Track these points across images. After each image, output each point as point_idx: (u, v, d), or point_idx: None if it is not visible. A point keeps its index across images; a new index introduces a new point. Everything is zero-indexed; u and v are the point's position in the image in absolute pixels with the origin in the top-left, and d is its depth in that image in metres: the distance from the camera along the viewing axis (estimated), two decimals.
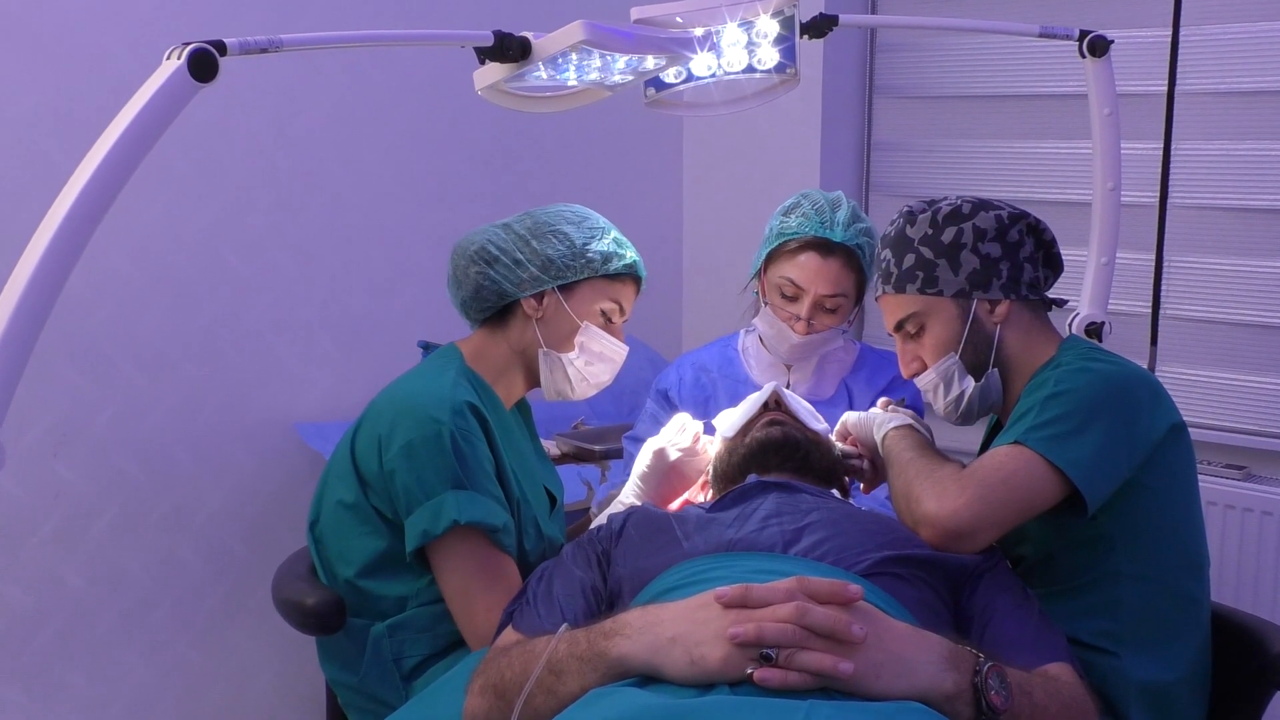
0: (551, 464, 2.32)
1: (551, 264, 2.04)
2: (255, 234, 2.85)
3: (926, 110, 3.62)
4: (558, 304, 2.06)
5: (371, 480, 1.96)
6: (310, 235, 2.96)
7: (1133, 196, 3.12)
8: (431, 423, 1.89)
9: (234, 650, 2.95)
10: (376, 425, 1.96)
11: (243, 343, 2.86)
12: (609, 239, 2.09)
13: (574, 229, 2.06)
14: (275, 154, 2.87)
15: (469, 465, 1.90)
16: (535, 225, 2.07)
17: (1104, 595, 1.83)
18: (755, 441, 1.97)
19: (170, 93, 1.46)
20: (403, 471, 1.90)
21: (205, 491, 2.84)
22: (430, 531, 1.88)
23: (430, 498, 1.88)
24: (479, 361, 2.07)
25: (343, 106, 2.98)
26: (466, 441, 1.90)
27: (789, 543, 1.65)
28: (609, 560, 1.74)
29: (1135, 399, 1.79)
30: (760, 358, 2.55)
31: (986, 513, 1.71)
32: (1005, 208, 1.95)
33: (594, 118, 3.40)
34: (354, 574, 2.01)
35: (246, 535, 2.92)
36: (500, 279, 2.04)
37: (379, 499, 1.96)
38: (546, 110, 1.92)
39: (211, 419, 2.83)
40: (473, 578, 1.91)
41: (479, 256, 2.05)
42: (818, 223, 2.38)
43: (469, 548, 1.91)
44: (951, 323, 1.93)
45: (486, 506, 1.90)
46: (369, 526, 1.99)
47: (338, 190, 3.00)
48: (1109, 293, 2.41)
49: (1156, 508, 1.82)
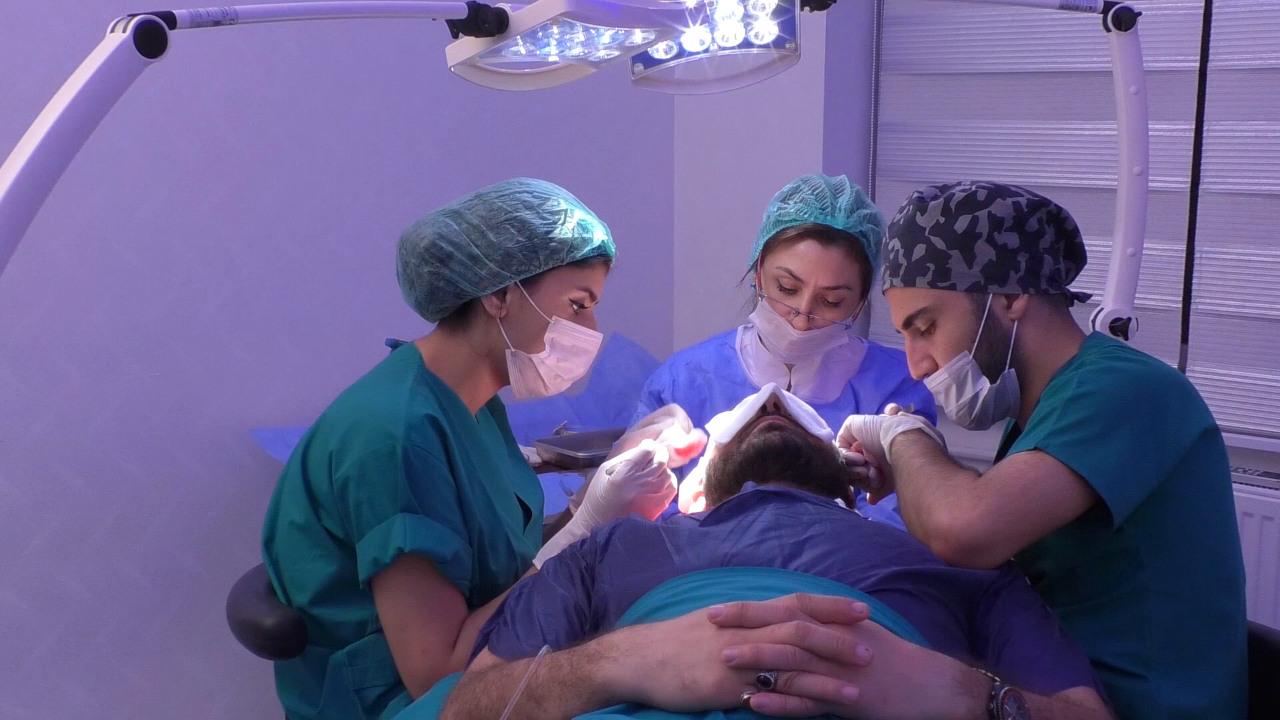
0: (530, 471, 2.32)
1: (511, 258, 2.01)
2: (208, 223, 2.85)
3: (938, 89, 3.63)
4: (522, 300, 2.04)
5: (323, 500, 1.96)
6: (268, 224, 2.95)
7: (1161, 182, 3.13)
8: (385, 439, 1.88)
9: (185, 676, 2.95)
10: (328, 440, 1.95)
11: (194, 341, 2.85)
12: (572, 223, 2.05)
13: (533, 215, 2.03)
14: (229, 136, 2.87)
15: (422, 486, 1.89)
16: (490, 213, 2.03)
17: (1130, 614, 1.83)
18: (752, 448, 1.97)
19: (115, 68, 1.46)
20: (354, 491, 1.90)
21: (154, 504, 2.83)
22: (380, 559, 1.88)
23: (380, 520, 1.88)
24: (440, 365, 2.06)
25: (303, 85, 2.98)
26: (421, 460, 1.89)
27: (789, 557, 1.65)
28: (593, 576, 1.74)
29: (1164, 401, 1.80)
30: (759, 357, 2.56)
31: (1003, 525, 1.71)
32: (1024, 194, 1.95)
33: (577, 97, 3.40)
34: (308, 601, 2.00)
35: (199, 551, 2.91)
36: (456, 277, 2.02)
37: (331, 520, 1.96)
38: (525, 88, 1.92)
39: (161, 424, 2.82)
40: (411, 611, 1.90)
41: (430, 254, 2.02)
42: (818, 209, 2.38)
43: (412, 578, 1.90)
44: (965, 319, 1.93)
45: (437, 534, 1.89)
46: (321, 549, 1.98)
47: (298, 176, 2.99)
48: (1136, 286, 2.42)
49: (1187, 519, 1.82)
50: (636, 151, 3.78)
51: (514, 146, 3.42)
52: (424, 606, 1.90)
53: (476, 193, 2.08)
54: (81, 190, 2.63)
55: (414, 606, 1.90)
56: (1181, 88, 3.18)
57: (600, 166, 3.63)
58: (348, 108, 3.07)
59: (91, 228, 2.67)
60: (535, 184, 2.09)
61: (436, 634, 1.89)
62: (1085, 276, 2.05)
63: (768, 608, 1.40)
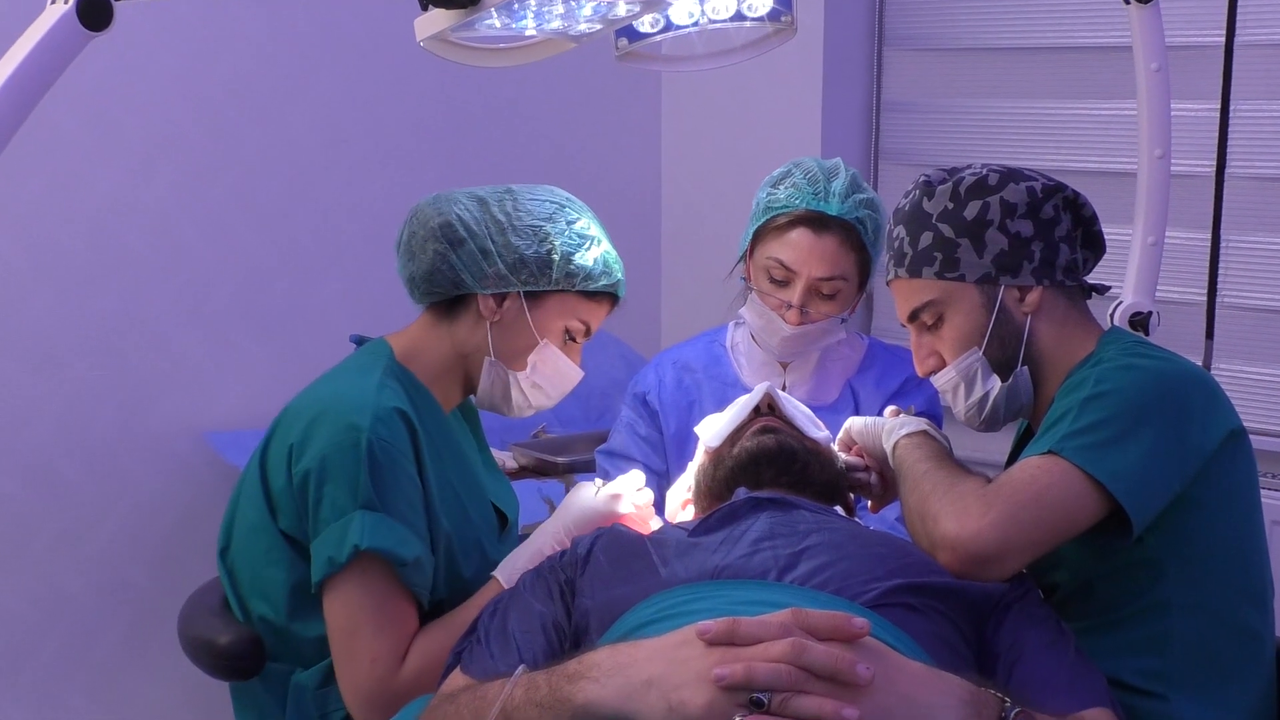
0: (504, 477, 2.32)
1: (524, 265, 2.03)
2: (159, 210, 2.84)
3: (945, 65, 3.63)
4: (519, 312, 2.05)
5: (279, 498, 1.96)
6: (224, 211, 2.95)
7: (1185, 165, 3.14)
8: (349, 431, 1.88)
9: (133, 699, 2.94)
10: (288, 434, 1.95)
11: (144, 337, 2.85)
12: (597, 252, 2.07)
13: (560, 230, 2.04)
14: (182, 117, 2.86)
15: (385, 483, 1.89)
16: (516, 213, 2.04)
17: (1151, 629, 1.83)
18: (745, 452, 1.97)
19: (56, 42, 1.45)
20: (313, 487, 1.89)
21: (99, 513, 2.83)
22: (335, 559, 1.87)
23: (339, 518, 1.88)
24: (414, 358, 2.06)
25: (261, 61, 2.97)
26: (386, 455, 1.89)
27: (784, 569, 1.65)
28: (573, 591, 1.74)
29: (1188, 401, 1.80)
30: (752, 355, 2.56)
31: (1015, 534, 1.71)
32: (1039, 178, 1.96)
33: (557, 74, 3.40)
34: (270, 611, 2.00)
35: (148, 564, 2.91)
36: (461, 267, 2.03)
37: (288, 521, 1.95)
38: (500, 64, 1.92)
39: (107, 427, 2.82)
40: (364, 615, 1.89)
41: (443, 233, 2.03)
42: (810, 194, 2.39)
43: (367, 580, 1.89)
44: (974, 312, 1.93)
45: (397, 534, 1.89)
46: (276, 554, 1.98)
47: (256, 159, 2.99)
48: (1157, 277, 2.42)
49: (1212, 527, 1.82)
50: (620, 134, 3.79)
51: (489, 128, 3.42)
52: (378, 612, 1.89)
53: (508, 186, 2.10)
54: (21, 175, 2.63)
55: (367, 611, 1.89)
56: (1206, 64, 3.19)
57: (581, 149, 3.64)
58: (309, 86, 3.07)
59: (32, 215, 2.67)
60: (574, 201, 2.11)
61: (388, 644, 1.89)
62: (1103, 267, 2.06)
63: (761, 623, 1.40)
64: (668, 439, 2.53)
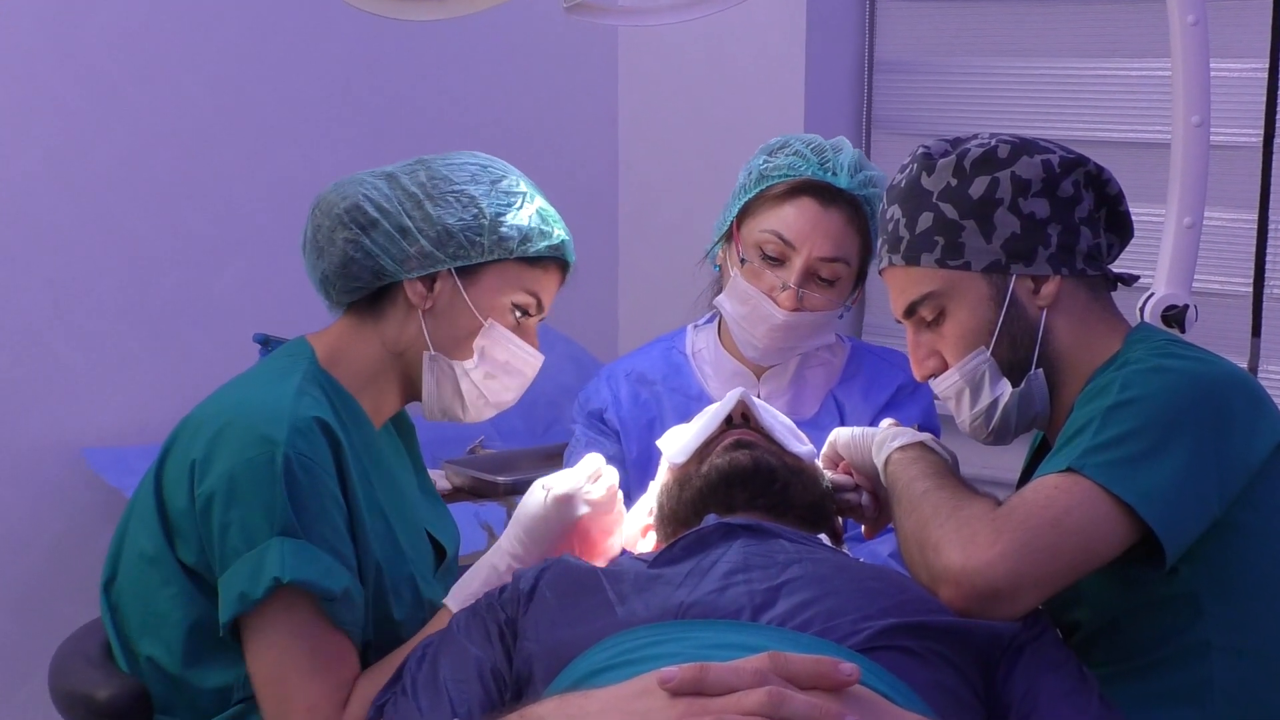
0: (442, 503, 2.32)
1: (450, 237, 2.04)
2: (24, 189, 2.83)
3: (948, 19, 3.65)
4: (454, 292, 2.05)
5: (179, 523, 1.95)
6: (104, 191, 2.93)
7: (1227, 135, 3.16)
8: (262, 444, 1.88)
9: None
10: (190, 448, 1.94)
11: (11, 340, 2.83)
12: (531, 209, 2.08)
13: (485, 192, 2.06)
14: (53, 82, 2.85)
15: (306, 505, 1.88)
16: (432, 181, 2.06)
17: (1188, 675, 1.84)
18: (715, 470, 1.98)
19: None
20: (220, 511, 1.89)
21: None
22: (249, 595, 1.86)
23: (252, 547, 1.87)
24: (339, 363, 2.06)
25: (147, 13, 2.96)
26: (307, 472, 1.89)
27: (760, 607, 1.65)
28: (515, 632, 1.75)
29: (1228, 409, 1.81)
30: (719, 363, 2.55)
31: (1030, 566, 1.72)
32: (1056, 150, 1.97)
33: (497, 30, 3.40)
34: (162, 654, 1.98)
35: (15, 603, 2.89)
36: (378, 251, 2.03)
37: (189, 550, 1.95)
38: (428, 18, 1.92)
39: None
40: (292, 660, 1.89)
41: (351, 217, 2.04)
42: (816, 163, 2.40)
43: (292, 618, 1.89)
44: (981, 306, 1.94)
45: (322, 564, 1.88)
46: (173, 588, 1.96)
47: (142, 129, 2.98)
48: (1194, 265, 2.43)
49: (1257, 556, 1.83)
50: (570, 101, 3.79)
51: (418, 93, 3.42)
52: (309, 654, 1.89)
53: (419, 158, 2.10)
54: None
55: (296, 654, 1.89)
56: (1251, 17, 3.21)
57: (526, 119, 3.64)
58: (207, 40, 3.05)
59: None
60: (489, 159, 2.12)
61: (325, 689, 1.89)
62: (1132, 253, 2.06)
63: (733, 670, 1.40)
64: (628, 465, 2.51)
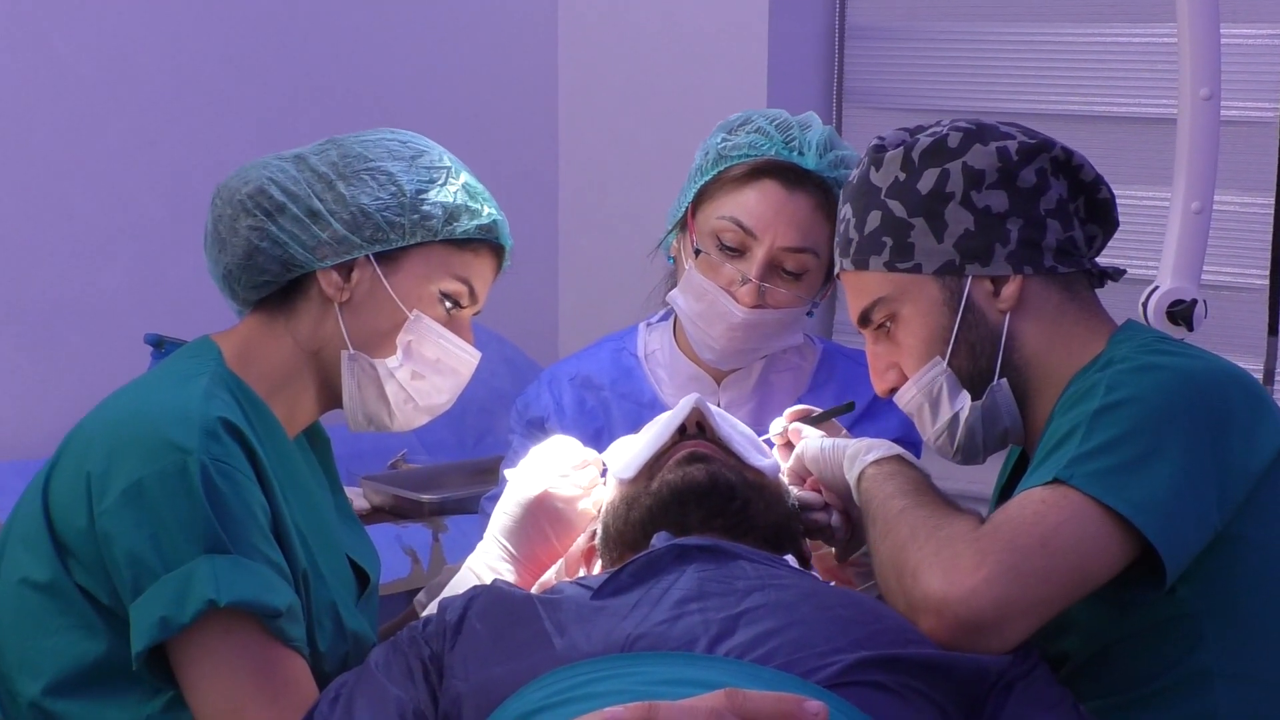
0: (360, 525, 2.32)
1: (367, 219, 2.04)
2: None
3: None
4: (374, 281, 2.06)
5: (75, 545, 1.93)
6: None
7: (1240, 109, 3.18)
8: (171, 452, 1.87)
9: None
10: (84, 460, 1.93)
11: None
12: (456, 185, 2.09)
13: (403, 168, 2.06)
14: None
15: (231, 515, 1.88)
16: (344, 159, 2.06)
17: (1189, 708, 1.85)
18: (666, 486, 1.98)
19: None
20: (127, 529, 1.87)
21: None
22: (173, 620, 1.84)
23: (172, 568, 1.86)
24: (248, 365, 2.06)
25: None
26: (227, 479, 1.88)
27: (717, 637, 1.66)
28: (441, 670, 1.75)
29: (1227, 409, 1.82)
30: (675, 367, 2.56)
31: (1018, 592, 1.72)
32: (1017, 135, 1.98)
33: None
34: (42, 692, 1.97)
35: None
36: (286, 238, 2.03)
37: (88, 574, 1.93)
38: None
39: None
40: (242, 689, 1.88)
41: (255, 203, 2.04)
42: (780, 141, 2.40)
43: (234, 642, 1.88)
44: (935, 312, 1.96)
45: (261, 578, 1.88)
46: (71, 619, 1.95)
47: (14, 105, 2.97)
48: (1204, 255, 2.44)
49: (1262, 574, 1.85)
50: (505, 74, 3.79)
51: (332, 66, 3.41)
52: (263, 678, 1.89)
53: (331, 138, 2.11)
54: None
55: (246, 681, 1.88)
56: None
57: (456, 96, 3.63)
58: (84, 5, 3.04)
59: None
60: (408, 134, 2.13)
61: (286, 713, 1.87)
62: (1135, 242, 2.06)
63: (686, 710, 1.40)
64: None
